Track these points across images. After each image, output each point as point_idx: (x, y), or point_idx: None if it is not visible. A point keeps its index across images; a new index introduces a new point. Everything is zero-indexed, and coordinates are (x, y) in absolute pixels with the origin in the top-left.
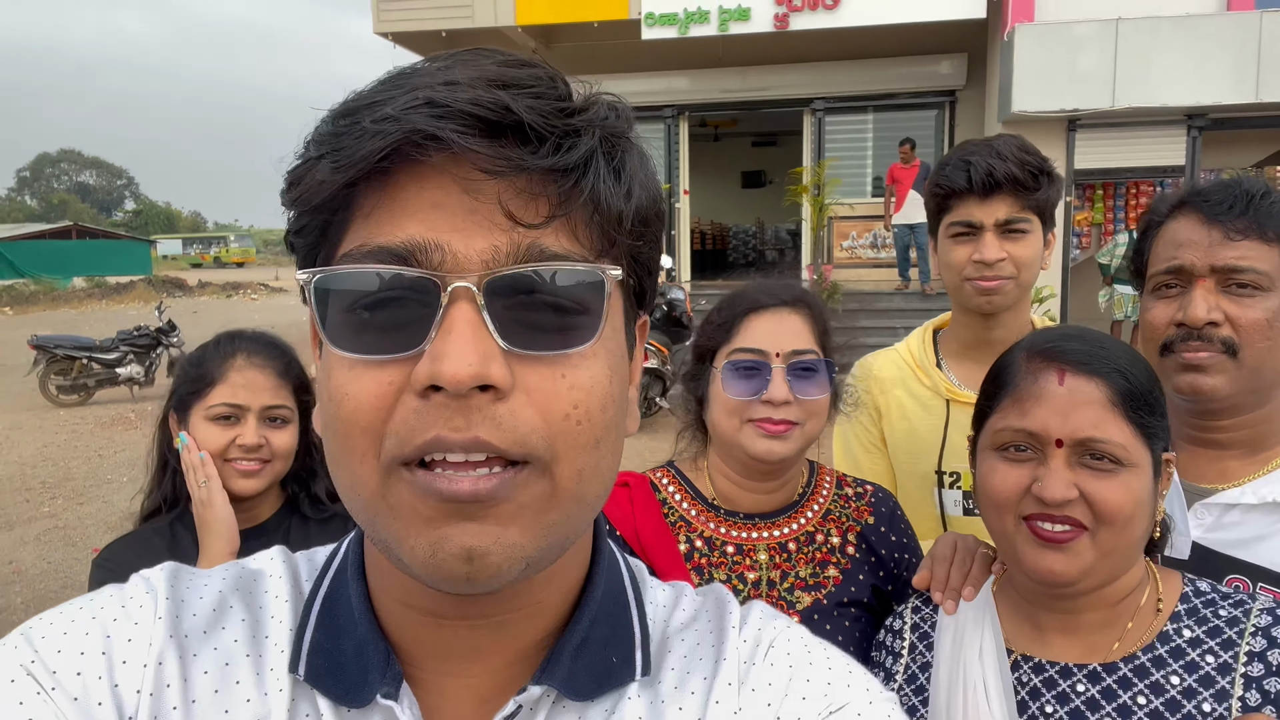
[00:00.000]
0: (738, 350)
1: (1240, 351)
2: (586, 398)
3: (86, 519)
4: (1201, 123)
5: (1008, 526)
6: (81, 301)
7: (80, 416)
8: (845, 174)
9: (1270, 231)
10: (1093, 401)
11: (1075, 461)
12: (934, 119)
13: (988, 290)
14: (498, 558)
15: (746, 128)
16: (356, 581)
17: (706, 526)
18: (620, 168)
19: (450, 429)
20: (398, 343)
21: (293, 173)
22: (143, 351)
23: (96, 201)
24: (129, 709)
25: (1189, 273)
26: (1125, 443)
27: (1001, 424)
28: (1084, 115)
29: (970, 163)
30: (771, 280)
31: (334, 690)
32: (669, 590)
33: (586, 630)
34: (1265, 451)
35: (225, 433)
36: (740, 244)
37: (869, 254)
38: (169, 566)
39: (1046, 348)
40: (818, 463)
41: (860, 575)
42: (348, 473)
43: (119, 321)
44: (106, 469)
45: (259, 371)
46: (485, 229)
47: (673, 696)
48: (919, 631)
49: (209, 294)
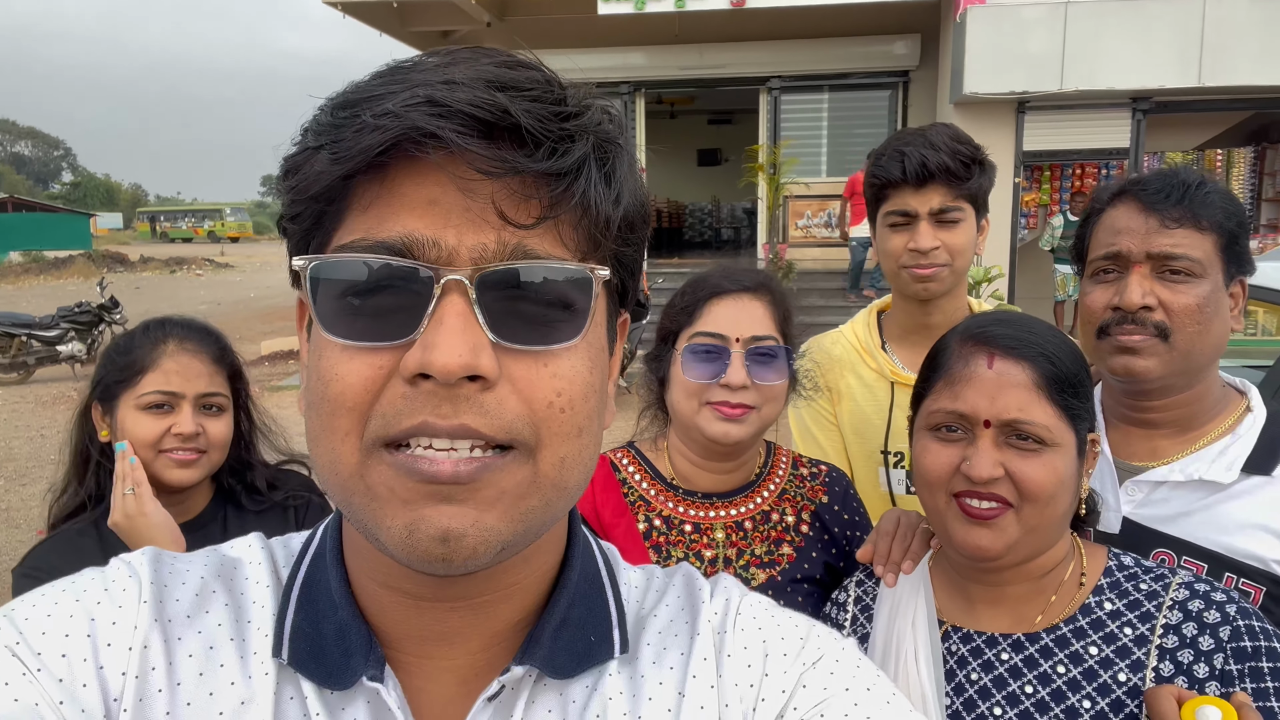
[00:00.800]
0: (699, 334)
1: (1172, 335)
2: (569, 387)
3: (30, 500)
4: (1146, 106)
5: (939, 503)
6: (19, 277)
7: (20, 395)
8: (801, 153)
9: (1204, 221)
10: (1019, 384)
11: (1002, 441)
12: (888, 99)
13: (923, 277)
14: (473, 540)
15: (703, 105)
16: (335, 566)
17: (665, 506)
18: (611, 173)
19: (437, 415)
20: (390, 330)
21: (291, 160)
22: (84, 329)
23: (33, 173)
24: (114, 691)
25: (1126, 259)
26: (1049, 424)
27: (935, 405)
28: (1033, 97)
29: (904, 154)
30: (737, 265)
31: (317, 673)
32: (640, 572)
33: (565, 611)
34: (1194, 431)
35: (159, 422)
36: (696, 222)
37: (823, 233)
38: (150, 551)
39: (977, 332)
40: (775, 444)
41: (814, 553)
42: (328, 451)
43: (58, 297)
44: (49, 449)
45: (192, 357)
46: (477, 226)
47: (652, 672)
48: (861, 604)
49: (151, 269)
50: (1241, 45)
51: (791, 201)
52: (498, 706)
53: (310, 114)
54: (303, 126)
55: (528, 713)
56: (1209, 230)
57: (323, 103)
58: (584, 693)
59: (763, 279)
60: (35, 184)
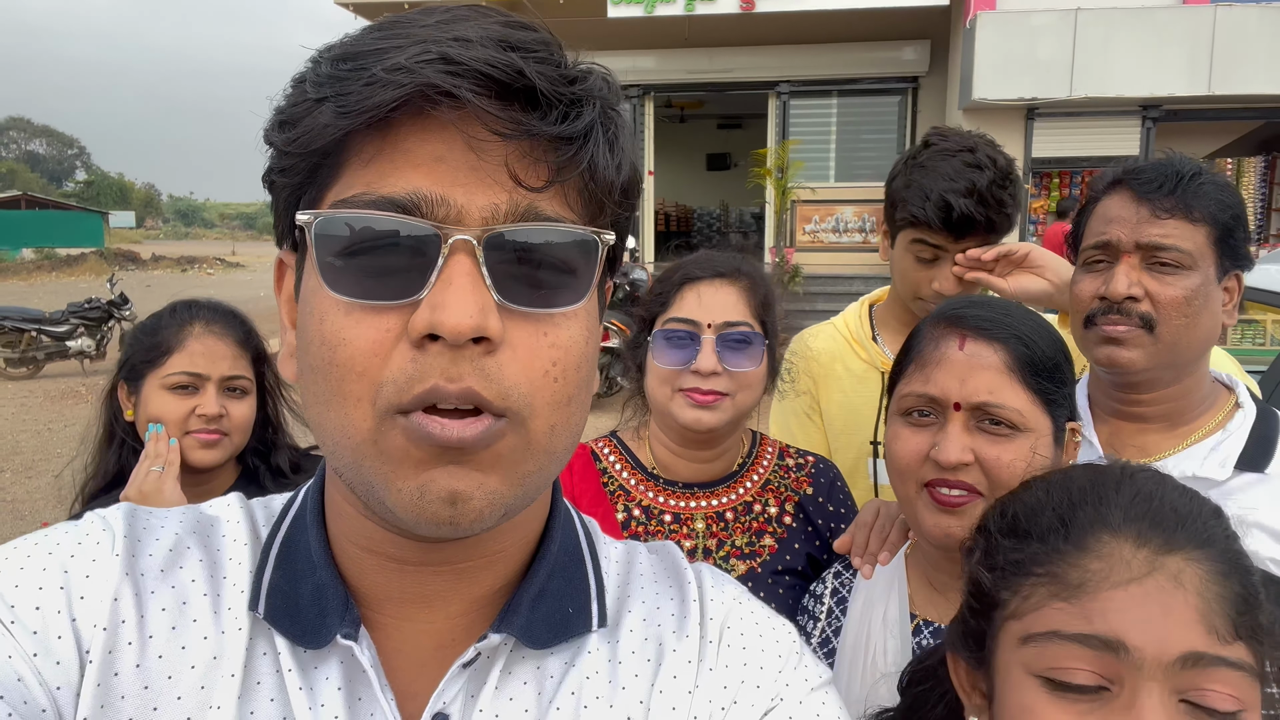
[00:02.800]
0: (671, 320)
1: (1158, 327)
2: (565, 356)
3: (35, 493)
4: (1156, 114)
5: (910, 492)
6: (30, 273)
7: (29, 390)
8: (809, 158)
9: (1197, 212)
10: (990, 366)
11: (973, 426)
12: (897, 105)
13: None
14: (480, 503)
15: (712, 110)
16: (316, 527)
17: (645, 495)
18: (614, 139)
19: (446, 379)
20: (395, 289)
21: (287, 113)
22: (94, 324)
23: (47, 171)
24: (86, 643)
25: (1115, 248)
26: (1021, 408)
27: (906, 389)
28: (1042, 104)
29: (949, 204)
30: (714, 252)
31: (292, 630)
32: (622, 546)
33: (544, 581)
34: (1184, 426)
35: (184, 402)
36: (705, 226)
37: (831, 238)
38: (125, 506)
39: (950, 314)
40: (761, 434)
41: (796, 544)
42: (339, 416)
43: (69, 294)
44: (56, 443)
45: (218, 340)
46: (487, 186)
47: (631, 661)
48: (837, 596)
49: (163, 268)
50: (1252, 54)
51: (800, 206)
52: (473, 674)
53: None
54: (296, 78)
55: (502, 681)
56: (1201, 222)
57: (315, 55)
58: (561, 667)
59: (738, 264)
60: (49, 182)
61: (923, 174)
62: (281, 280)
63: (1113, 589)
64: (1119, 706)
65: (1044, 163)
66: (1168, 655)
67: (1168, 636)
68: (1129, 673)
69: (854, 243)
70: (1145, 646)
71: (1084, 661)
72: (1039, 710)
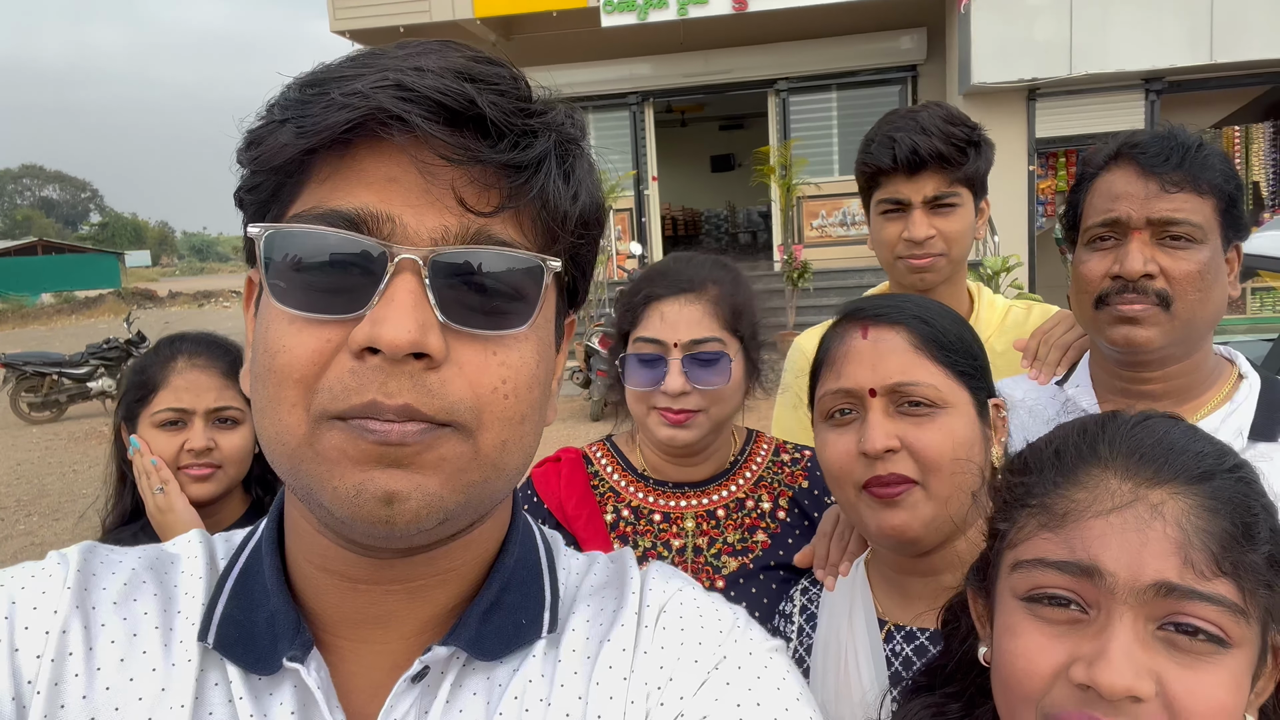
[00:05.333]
0: (639, 339)
1: (1173, 304)
2: (515, 375)
3: (63, 535)
4: (1159, 86)
5: (849, 496)
6: (50, 318)
7: (54, 433)
8: (811, 154)
9: (1204, 184)
10: (897, 349)
11: (894, 411)
12: (897, 94)
13: (919, 268)
14: (416, 504)
15: (713, 112)
16: (271, 555)
17: (635, 496)
18: (570, 171)
19: (383, 394)
20: (340, 305)
21: (254, 133)
22: (113, 364)
23: (61, 216)
24: (28, 673)
25: (1125, 225)
26: (937, 383)
27: (822, 391)
28: (1043, 84)
29: (895, 140)
30: (682, 262)
31: (245, 658)
32: (583, 558)
33: (497, 594)
34: (1192, 402)
35: (173, 439)
36: (713, 228)
37: (839, 232)
38: (86, 544)
39: (850, 310)
40: (758, 432)
41: (790, 539)
42: (274, 421)
43: (89, 335)
44: (81, 484)
45: (201, 373)
46: (437, 209)
47: (570, 658)
48: (806, 613)
49: (180, 304)
50: (1252, 20)
51: (805, 202)
52: (424, 688)
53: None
54: (268, 103)
55: (454, 694)
56: (1208, 194)
57: (290, 81)
58: (508, 674)
59: (705, 274)
60: (64, 226)
61: (871, 135)
62: (250, 299)
63: (1094, 518)
64: (1093, 631)
65: (1048, 143)
66: (1140, 582)
67: (1142, 564)
68: (1104, 598)
69: (862, 235)
70: (1119, 572)
71: (1062, 585)
72: (1019, 629)
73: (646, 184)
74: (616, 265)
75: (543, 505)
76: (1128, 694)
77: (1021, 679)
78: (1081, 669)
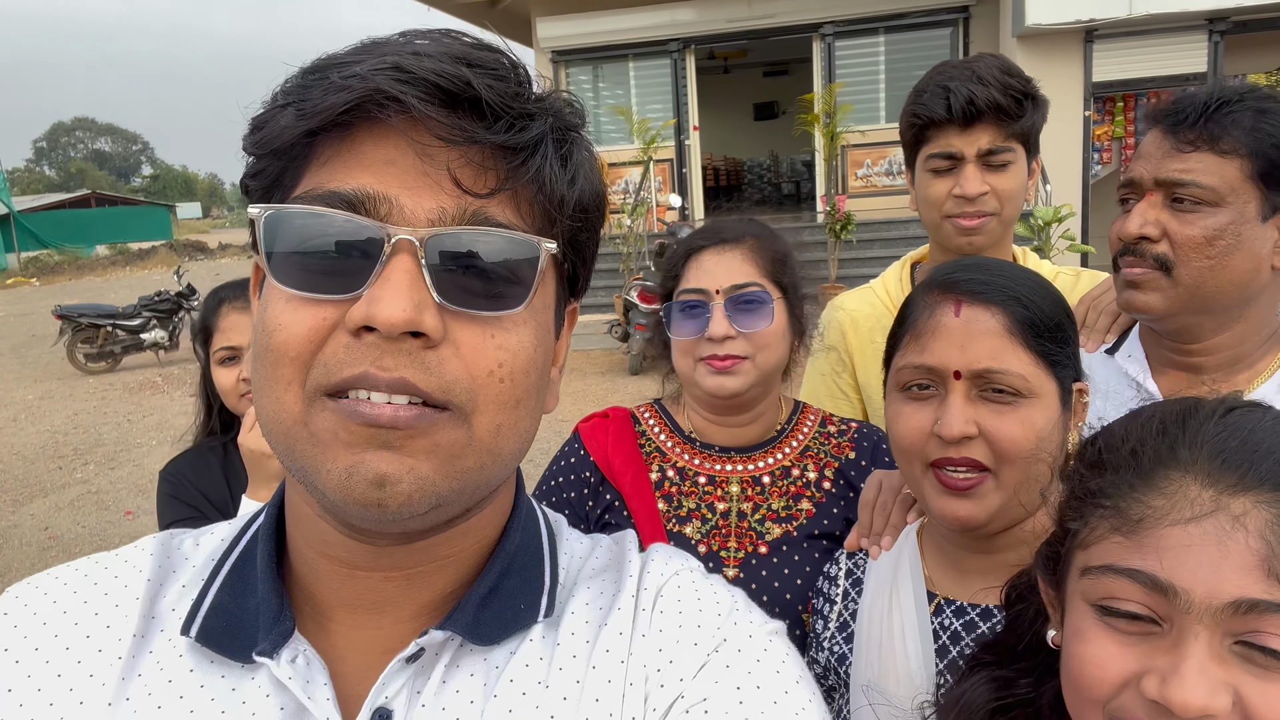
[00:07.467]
0: (682, 291)
1: (1175, 269)
2: (512, 359)
3: (118, 483)
4: (1223, 26)
5: (915, 472)
6: (106, 269)
7: (109, 383)
8: (857, 100)
9: (1225, 143)
10: (989, 331)
11: (975, 395)
12: (948, 37)
13: (969, 229)
14: (408, 487)
15: (757, 58)
16: (268, 539)
17: (680, 458)
18: (568, 156)
19: (378, 367)
20: (338, 285)
21: (257, 119)
22: (165, 316)
23: (114, 168)
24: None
25: (1139, 186)
26: (1025, 372)
27: (902, 362)
28: (1101, 25)
29: (949, 89)
30: (722, 219)
31: (230, 648)
32: (586, 541)
33: (496, 580)
34: (1245, 373)
35: (231, 372)
36: (755, 178)
37: (885, 181)
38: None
39: (942, 280)
40: (805, 403)
41: (834, 509)
42: (271, 399)
43: (143, 287)
44: (136, 433)
45: (242, 314)
46: (434, 191)
47: (568, 641)
48: (852, 578)
49: (230, 255)
50: None
51: (850, 151)
52: (418, 670)
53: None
54: (273, 90)
55: (449, 675)
56: (1232, 155)
57: (296, 70)
58: (505, 657)
59: (744, 229)
60: (117, 179)
61: (922, 86)
62: (256, 283)
63: (1170, 527)
64: (1166, 645)
65: (1106, 86)
66: (1217, 600)
67: (1220, 581)
68: (1177, 615)
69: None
70: (1194, 589)
71: (1134, 596)
72: (1089, 634)
73: (687, 133)
74: (656, 218)
75: (589, 458)
76: (1202, 714)
77: (1091, 684)
78: (1154, 684)
